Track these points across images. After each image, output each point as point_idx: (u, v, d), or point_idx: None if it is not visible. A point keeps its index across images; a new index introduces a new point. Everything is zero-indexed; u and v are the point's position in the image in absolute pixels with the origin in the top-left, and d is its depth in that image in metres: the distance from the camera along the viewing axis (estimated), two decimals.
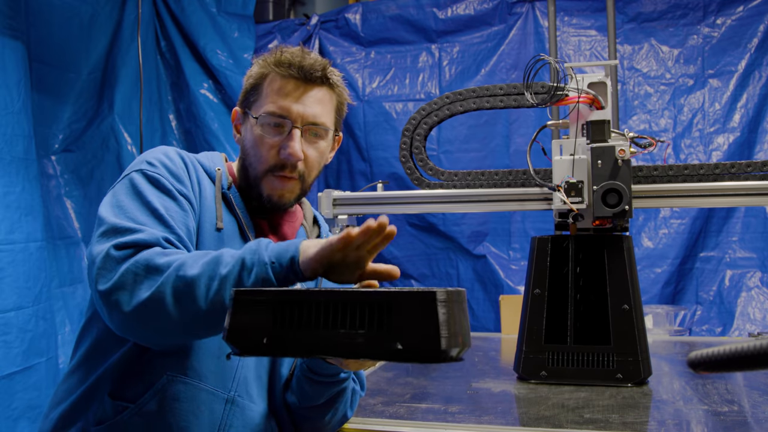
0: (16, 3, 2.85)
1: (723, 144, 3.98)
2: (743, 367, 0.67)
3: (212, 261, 1.13)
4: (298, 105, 1.37)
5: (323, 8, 5.01)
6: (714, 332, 3.89)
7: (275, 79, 1.38)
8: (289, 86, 1.37)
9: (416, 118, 2.31)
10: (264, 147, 1.38)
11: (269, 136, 1.37)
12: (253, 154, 1.39)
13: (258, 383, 1.36)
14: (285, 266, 1.12)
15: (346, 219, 2.43)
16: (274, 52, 1.39)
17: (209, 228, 1.33)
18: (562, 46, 4.20)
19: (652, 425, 1.57)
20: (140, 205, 1.24)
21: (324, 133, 1.42)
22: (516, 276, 4.25)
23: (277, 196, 1.39)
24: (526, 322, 2.00)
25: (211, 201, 1.36)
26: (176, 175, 1.32)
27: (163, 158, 1.33)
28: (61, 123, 3.36)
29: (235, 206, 1.39)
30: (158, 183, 1.28)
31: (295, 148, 1.36)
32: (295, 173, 1.39)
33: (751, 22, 3.96)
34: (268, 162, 1.38)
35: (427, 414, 1.67)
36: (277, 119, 1.37)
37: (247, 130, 1.42)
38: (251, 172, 1.40)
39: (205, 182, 1.38)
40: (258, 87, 1.40)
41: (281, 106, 1.36)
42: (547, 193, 2.13)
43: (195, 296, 1.10)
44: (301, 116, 1.37)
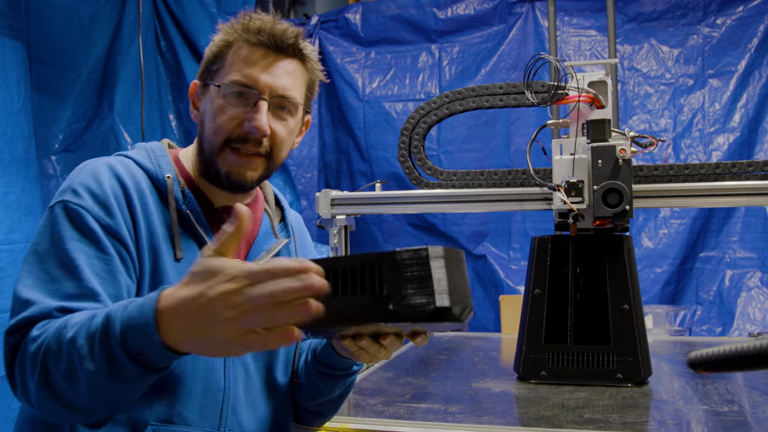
0: (16, 3, 2.85)
1: (723, 144, 3.98)
2: (743, 367, 0.67)
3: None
4: (267, 75, 1.21)
5: (323, 8, 5.01)
6: (714, 332, 3.89)
7: (242, 46, 1.22)
8: (258, 54, 1.22)
9: (415, 118, 2.30)
10: (224, 117, 1.21)
11: (232, 106, 1.21)
12: (211, 127, 1.22)
13: (250, 409, 1.26)
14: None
15: (344, 219, 2.41)
16: (242, 18, 1.24)
17: (168, 260, 1.17)
18: (562, 46, 4.20)
19: (652, 425, 1.57)
20: (55, 254, 1.10)
21: (293, 109, 1.26)
22: (516, 276, 4.25)
23: (237, 173, 1.22)
24: (526, 322, 2.00)
25: (162, 226, 1.19)
26: (105, 206, 1.14)
27: (91, 183, 1.15)
28: (61, 123, 3.36)
29: (192, 221, 1.22)
30: (80, 222, 1.12)
31: (261, 121, 1.19)
32: (259, 149, 1.22)
33: (751, 22, 3.96)
34: (227, 132, 1.21)
35: (427, 414, 1.67)
36: (242, 89, 1.21)
37: (206, 102, 1.25)
38: (207, 146, 1.23)
39: (151, 204, 1.19)
40: (222, 55, 1.24)
41: (247, 75, 1.20)
42: (547, 193, 2.13)
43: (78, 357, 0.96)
44: (269, 87, 1.21)
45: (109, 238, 1.12)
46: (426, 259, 0.85)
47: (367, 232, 4.53)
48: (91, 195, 1.14)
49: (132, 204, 1.17)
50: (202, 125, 1.25)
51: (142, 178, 1.21)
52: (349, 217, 2.43)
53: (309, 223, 4.64)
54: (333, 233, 2.41)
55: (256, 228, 1.33)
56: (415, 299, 0.83)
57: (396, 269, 0.85)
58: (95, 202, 1.13)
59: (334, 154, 4.77)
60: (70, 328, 0.98)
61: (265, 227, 1.34)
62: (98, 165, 1.19)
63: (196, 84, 1.29)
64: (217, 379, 1.20)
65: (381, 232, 4.55)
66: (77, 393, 0.97)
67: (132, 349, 0.92)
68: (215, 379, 1.20)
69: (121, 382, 0.95)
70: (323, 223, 2.42)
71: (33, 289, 1.08)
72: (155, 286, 1.15)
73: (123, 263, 1.13)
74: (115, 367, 0.93)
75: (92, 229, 1.11)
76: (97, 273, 1.10)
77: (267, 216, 1.37)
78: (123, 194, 1.17)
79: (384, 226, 4.55)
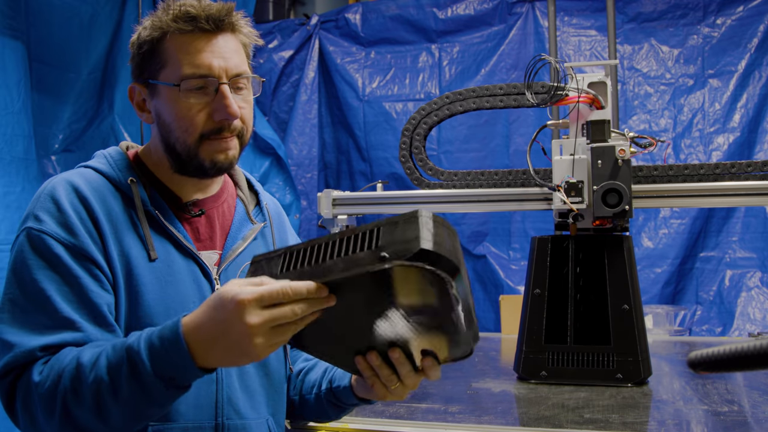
0: (16, 3, 2.85)
1: (723, 144, 3.98)
2: (743, 367, 0.67)
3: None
4: (218, 59, 1.19)
5: (323, 8, 5.01)
6: (714, 332, 3.89)
7: (177, 37, 1.19)
8: (200, 41, 1.19)
9: (416, 118, 2.30)
10: (191, 114, 1.19)
11: (195, 100, 1.19)
12: (180, 127, 1.20)
13: (247, 396, 1.27)
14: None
15: (345, 219, 2.42)
16: (166, 9, 1.20)
17: (142, 262, 1.18)
18: (562, 46, 4.20)
19: (652, 425, 1.57)
20: (25, 286, 1.11)
21: (248, 83, 1.26)
22: (516, 276, 4.25)
23: (222, 157, 1.22)
24: (526, 322, 2.00)
25: (131, 230, 1.19)
26: (67, 225, 1.14)
27: (50, 206, 1.15)
28: (61, 123, 3.36)
29: (162, 220, 1.22)
30: (44, 248, 1.12)
31: (232, 107, 1.19)
32: (234, 132, 1.23)
33: (751, 22, 3.97)
34: (199, 128, 1.20)
35: (427, 414, 1.67)
36: (200, 80, 1.19)
37: (161, 104, 1.22)
38: (181, 147, 1.21)
39: (116, 210, 1.19)
40: (157, 52, 1.21)
41: (200, 65, 1.18)
42: (547, 193, 2.13)
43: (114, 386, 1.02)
44: (224, 70, 1.20)
45: (75, 260, 1.13)
46: (415, 214, 0.95)
47: None
48: (52, 217, 1.14)
49: (95, 216, 1.16)
50: (165, 128, 1.22)
51: (105, 186, 1.21)
52: (350, 217, 2.44)
53: (310, 224, 4.66)
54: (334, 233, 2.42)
55: (231, 215, 1.33)
56: (403, 244, 0.93)
57: (390, 225, 0.96)
58: (57, 223, 1.13)
59: (334, 154, 4.77)
60: (86, 370, 1.04)
61: (240, 214, 1.34)
62: (56, 185, 1.18)
63: (136, 88, 1.26)
64: None
65: None
66: (108, 423, 1.04)
67: (166, 375, 1.01)
68: None
69: (157, 405, 1.05)
70: (325, 223, 2.43)
71: (11, 327, 1.10)
72: (131, 291, 1.16)
73: (95, 280, 1.13)
74: (150, 394, 1.02)
75: (56, 254, 1.12)
76: (70, 300, 1.11)
77: (241, 202, 1.37)
78: (84, 208, 1.16)
79: None
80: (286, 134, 4.71)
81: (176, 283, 1.19)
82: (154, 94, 1.23)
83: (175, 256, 1.21)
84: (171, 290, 1.18)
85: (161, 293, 1.17)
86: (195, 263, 1.23)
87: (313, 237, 1.68)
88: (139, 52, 1.23)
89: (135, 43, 1.24)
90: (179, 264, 1.21)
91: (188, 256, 1.22)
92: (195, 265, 1.22)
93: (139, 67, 1.24)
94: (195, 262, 1.23)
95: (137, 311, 1.15)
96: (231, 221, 1.32)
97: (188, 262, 1.22)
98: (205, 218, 1.29)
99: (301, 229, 4.63)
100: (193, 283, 1.21)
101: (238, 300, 0.95)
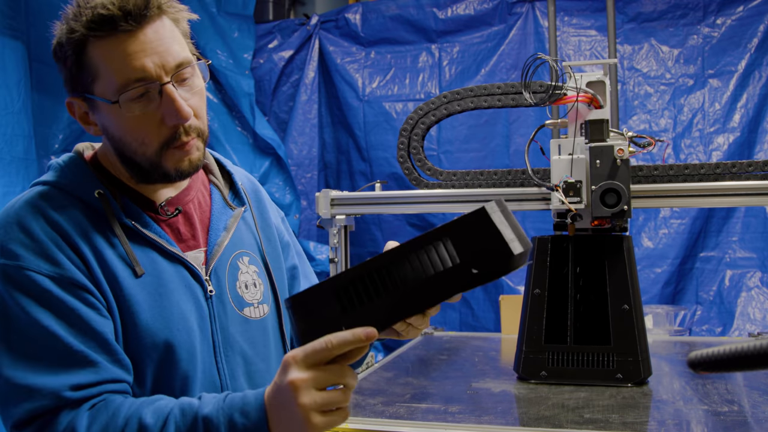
0: (16, 3, 2.85)
1: (723, 144, 3.98)
2: (743, 367, 0.67)
3: None
4: (151, 56, 1.04)
5: (323, 8, 5.01)
6: (714, 332, 3.89)
7: (99, 44, 1.05)
8: (126, 43, 1.04)
9: (413, 118, 2.30)
10: (143, 128, 1.07)
11: (141, 111, 1.06)
12: (134, 141, 1.08)
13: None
14: None
15: (344, 219, 2.41)
16: (77, 15, 1.07)
17: (129, 280, 1.08)
18: (562, 46, 4.20)
19: (652, 425, 1.57)
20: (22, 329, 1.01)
21: (192, 69, 1.11)
22: (516, 276, 4.25)
23: (186, 165, 1.11)
24: (526, 322, 2.00)
25: (109, 248, 1.09)
26: (46, 256, 1.03)
27: (22, 237, 1.03)
28: (61, 123, 3.36)
29: (141, 230, 1.12)
30: (30, 285, 1.01)
31: (182, 108, 1.06)
32: (192, 132, 1.10)
33: (751, 22, 3.97)
34: (157, 141, 1.08)
35: (427, 414, 1.67)
36: (138, 88, 1.05)
37: (106, 118, 1.09)
38: (141, 159, 1.10)
39: (90, 229, 1.08)
40: (83, 63, 1.07)
41: (134, 69, 1.04)
42: (545, 193, 2.13)
43: None
44: (162, 67, 1.05)
45: (66, 291, 1.03)
46: (487, 215, 0.89)
47: (367, 232, 4.53)
48: (27, 249, 1.03)
49: (71, 239, 1.06)
50: (119, 143, 1.11)
51: (70, 203, 1.10)
52: (348, 217, 2.43)
53: (310, 223, 4.66)
54: (333, 233, 2.41)
55: (208, 207, 1.25)
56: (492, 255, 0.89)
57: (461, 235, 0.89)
58: (35, 255, 1.03)
59: (334, 154, 4.77)
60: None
61: (217, 203, 1.26)
62: (19, 212, 1.06)
63: (73, 102, 1.13)
64: (211, 376, 1.17)
65: (381, 232, 4.56)
66: None
67: None
68: (210, 377, 1.17)
69: None
70: (323, 223, 2.42)
71: (18, 370, 1.00)
72: (124, 312, 1.08)
73: (92, 308, 1.05)
74: None
75: (46, 289, 1.02)
76: (75, 334, 1.02)
77: (216, 188, 1.28)
78: (57, 234, 1.05)
79: (384, 226, 4.56)
80: (286, 134, 4.71)
81: (169, 294, 1.12)
82: (95, 108, 1.11)
83: (162, 264, 1.13)
84: (165, 302, 1.11)
85: (157, 308, 1.10)
86: (183, 267, 1.15)
87: (312, 237, 1.62)
88: (64, 66, 1.10)
89: (56, 54, 1.11)
90: (168, 272, 1.13)
91: (175, 261, 1.15)
92: (183, 269, 1.15)
93: (70, 81, 1.11)
94: (183, 266, 1.15)
95: (135, 331, 1.08)
96: (209, 213, 1.24)
97: (176, 267, 1.14)
98: (182, 216, 1.20)
99: (301, 229, 4.63)
100: (185, 290, 1.14)
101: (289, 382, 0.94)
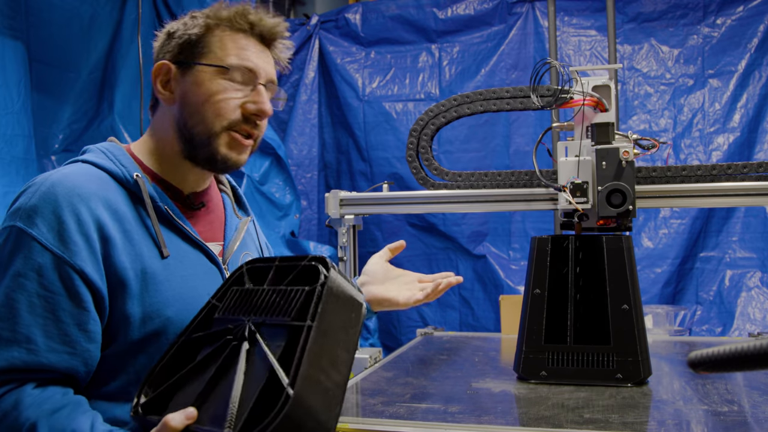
0: (16, 3, 2.86)
1: (723, 144, 3.98)
2: (743, 367, 0.67)
3: None
4: (262, 62, 1.26)
5: (323, 8, 5.01)
6: (714, 332, 3.89)
7: (228, 32, 1.24)
8: (251, 42, 1.26)
9: (424, 119, 2.36)
10: (226, 102, 1.21)
11: (233, 89, 1.22)
12: (211, 110, 1.21)
13: None
14: None
15: (352, 219, 2.47)
16: (223, 7, 1.26)
17: (154, 261, 1.16)
18: (562, 46, 4.20)
19: (652, 425, 1.57)
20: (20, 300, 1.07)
21: (272, 95, 1.31)
22: (516, 276, 4.25)
23: (235, 158, 1.25)
24: (526, 322, 2.00)
25: (140, 228, 1.16)
26: (62, 235, 1.08)
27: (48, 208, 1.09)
28: (61, 123, 3.36)
29: (172, 216, 1.21)
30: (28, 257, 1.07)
31: (267, 104, 1.25)
32: (255, 131, 1.26)
33: (751, 22, 3.97)
34: (230, 117, 1.22)
35: (427, 414, 1.67)
36: (246, 73, 1.23)
37: (195, 85, 1.22)
38: (202, 130, 1.21)
39: (123, 208, 1.15)
40: (203, 39, 1.24)
41: (249, 59, 1.24)
42: (552, 194, 2.18)
43: None
44: (266, 74, 1.26)
45: (56, 271, 1.07)
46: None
47: (367, 231, 4.54)
48: (46, 222, 1.08)
49: (99, 218, 1.11)
50: (188, 107, 1.22)
51: (108, 182, 1.17)
52: (357, 216, 2.49)
53: (309, 224, 4.66)
54: (342, 233, 2.48)
55: (222, 209, 1.37)
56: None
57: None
58: (50, 230, 1.08)
59: (334, 154, 4.78)
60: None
61: (228, 207, 1.38)
62: (56, 186, 1.11)
63: (167, 64, 1.24)
64: None
65: (381, 231, 4.56)
66: None
67: None
68: None
69: None
70: (332, 223, 2.50)
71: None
72: (146, 288, 1.14)
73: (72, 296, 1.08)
74: None
75: (40, 264, 1.07)
76: (35, 313, 1.06)
77: (226, 196, 1.40)
78: (87, 211, 1.11)
79: (384, 226, 4.56)
80: (286, 134, 4.71)
81: (189, 278, 1.21)
82: (187, 74, 1.23)
83: (186, 249, 1.22)
84: (186, 285, 1.19)
85: (178, 289, 1.18)
86: (204, 254, 1.25)
87: (312, 237, 1.64)
88: (185, 32, 1.24)
89: (180, 29, 1.25)
90: (191, 257, 1.23)
91: (198, 248, 1.25)
92: (204, 256, 1.25)
93: (179, 48, 1.24)
94: (204, 253, 1.25)
95: (154, 307, 1.15)
96: (224, 215, 1.36)
97: (197, 253, 1.24)
98: (205, 210, 1.32)
99: (301, 229, 4.63)
100: (204, 275, 1.24)
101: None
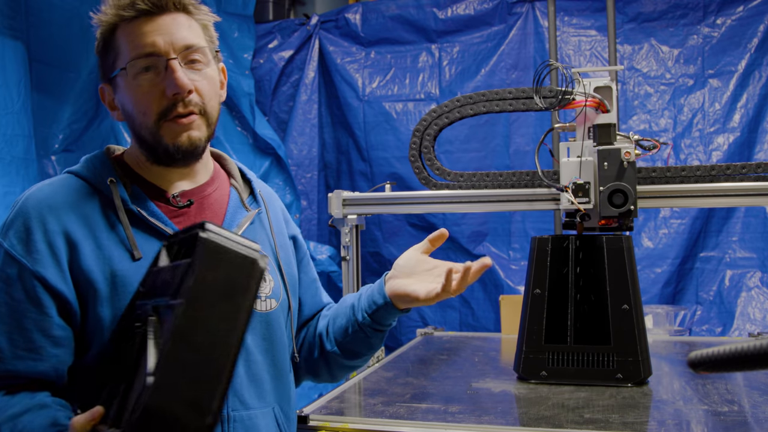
0: (16, 3, 2.86)
1: (723, 144, 3.98)
2: (743, 367, 0.67)
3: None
4: (162, 36, 1.17)
5: (323, 8, 5.01)
6: (714, 332, 3.89)
7: (124, 26, 1.19)
8: (144, 24, 1.18)
9: (427, 120, 2.37)
10: (145, 96, 1.18)
11: (146, 82, 1.18)
12: (138, 111, 1.19)
13: (253, 385, 1.27)
14: None
15: (355, 219, 2.48)
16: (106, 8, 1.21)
17: (125, 264, 1.16)
18: (562, 46, 4.20)
19: (652, 425, 1.57)
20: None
21: (204, 57, 1.23)
22: (516, 276, 4.25)
23: (185, 140, 1.20)
24: (526, 322, 2.00)
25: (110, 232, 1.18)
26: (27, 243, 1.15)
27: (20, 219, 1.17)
28: (61, 123, 3.36)
29: (146, 216, 1.20)
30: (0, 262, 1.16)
31: (181, 79, 1.16)
32: (191, 107, 1.19)
33: (751, 22, 3.97)
34: (156, 109, 1.18)
35: (427, 414, 1.67)
36: (147, 60, 1.17)
37: (121, 95, 1.21)
38: (144, 131, 1.20)
39: (93, 214, 1.19)
40: (110, 46, 1.21)
41: (144, 44, 1.17)
42: (554, 194, 2.19)
43: None
44: (171, 45, 1.18)
45: (20, 280, 1.14)
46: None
47: (367, 231, 4.53)
48: (15, 232, 1.15)
49: (64, 225, 1.16)
50: (130, 118, 1.22)
51: (83, 190, 1.21)
52: (359, 216, 2.50)
53: (309, 223, 4.66)
54: (345, 232, 2.51)
55: (225, 204, 1.33)
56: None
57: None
58: (17, 239, 1.15)
59: (334, 154, 4.77)
60: None
61: (234, 201, 1.33)
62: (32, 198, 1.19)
63: (102, 87, 1.27)
64: None
65: (381, 231, 4.56)
66: None
67: None
68: None
69: None
70: (335, 223, 2.52)
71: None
72: (116, 291, 1.16)
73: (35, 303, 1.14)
74: None
75: (6, 274, 1.14)
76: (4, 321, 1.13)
77: (235, 190, 1.36)
78: (55, 219, 1.16)
79: (384, 225, 4.56)
80: (286, 134, 4.71)
81: None
82: (116, 89, 1.23)
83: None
84: None
85: None
86: None
87: (312, 237, 1.63)
88: (97, 52, 1.24)
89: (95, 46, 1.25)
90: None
91: None
92: None
93: (101, 67, 1.25)
94: None
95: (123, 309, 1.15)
96: (225, 210, 1.32)
97: None
98: (196, 208, 1.28)
99: (301, 228, 4.63)
100: None
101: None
